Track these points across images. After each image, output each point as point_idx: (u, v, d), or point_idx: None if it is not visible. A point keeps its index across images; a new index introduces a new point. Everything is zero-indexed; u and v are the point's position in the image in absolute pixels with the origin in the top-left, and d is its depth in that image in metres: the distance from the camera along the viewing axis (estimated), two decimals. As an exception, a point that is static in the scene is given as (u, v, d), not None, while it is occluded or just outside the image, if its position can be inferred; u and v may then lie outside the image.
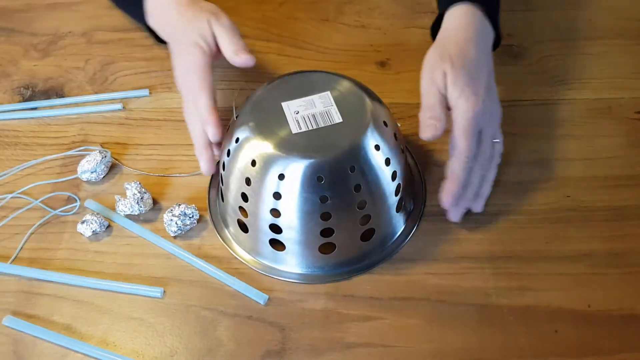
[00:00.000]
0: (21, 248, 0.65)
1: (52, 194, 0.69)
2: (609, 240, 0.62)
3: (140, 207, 0.65)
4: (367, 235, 0.60)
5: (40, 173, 0.71)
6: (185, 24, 0.68)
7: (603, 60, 0.76)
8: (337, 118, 0.58)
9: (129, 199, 0.65)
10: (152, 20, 0.73)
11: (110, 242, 0.65)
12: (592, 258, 0.61)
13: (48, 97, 0.78)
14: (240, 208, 0.60)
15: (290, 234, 0.59)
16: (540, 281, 0.60)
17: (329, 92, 0.60)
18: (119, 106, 0.76)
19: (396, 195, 0.60)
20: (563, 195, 0.65)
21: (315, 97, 0.60)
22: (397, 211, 0.62)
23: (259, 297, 0.60)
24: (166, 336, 0.59)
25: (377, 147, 0.57)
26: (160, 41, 0.74)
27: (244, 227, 0.62)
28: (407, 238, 0.63)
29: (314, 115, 0.58)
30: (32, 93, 0.79)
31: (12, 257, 0.64)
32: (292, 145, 0.56)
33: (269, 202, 0.58)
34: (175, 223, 0.64)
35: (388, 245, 0.62)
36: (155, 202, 0.67)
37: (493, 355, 0.56)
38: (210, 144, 0.64)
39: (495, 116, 0.64)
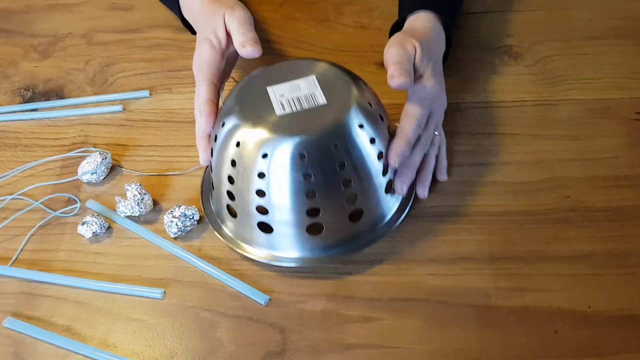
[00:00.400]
0: (22, 249, 0.65)
1: (52, 195, 0.69)
2: (609, 240, 0.62)
3: (141, 208, 0.66)
4: (355, 216, 0.60)
5: (41, 174, 0.71)
6: (204, 20, 0.69)
7: (603, 61, 0.76)
8: (322, 100, 0.58)
9: (130, 200, 0.65)
10: (185, 13, 0.75)
11: (111, 243, 0.65)
12: (592, 258, 0.61)
13: (48, 99, 0.79)
14: (228, 192, 0.61)
15: (277, 215, 0.59)
16: (540, 282, 0.59)
17: (313, 76, 0.60)
18: (119, 107, 0.76)
19: (384, 175, 0.60)
20: (563, 196, 0.65)
21: (300, 81, 0.60)
22: (387, 192, 0.62)
23: (259, 298, 0.60)
24: (166, 337, 0.59)
25: (361, 126, 0.58)
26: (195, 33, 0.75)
27: (233, 212, 0.62)
28: (398, 220, 0.63)
29: (298, 98, 0.59)
30: (32, 94, 0.79)
31: (13, 259, 0.65)
32: (275, 125, 0.57)
33: (254, 182, 0.58)
34: (176, 224, 0.64)
35: (379, 228, 0.62)
36: (155, 203, 0.68)
37: (493, 356, 0.56)
38: (207, 134, 0.65)
39: (442, 109, 0.66)
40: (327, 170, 0.57)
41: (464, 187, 0.66)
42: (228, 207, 0.62)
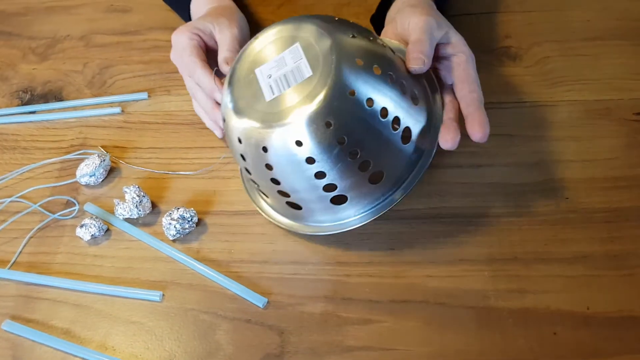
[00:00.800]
0: (20, 252, 0.65)
1: (51, 198, 0.69)
2: (608, 241, 0.62)
3: (139, 210, 0.65)
4: (376, 178, 0.58)
5: (39, 177, 0.71)
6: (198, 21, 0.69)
7: (601, 62, 0.76)
8: (307, 72, 0.56)
9: (128, 203, 0.65)
10: None
11: (109, 245, 0.65)
12: (591, 260, 0.61)
13: (46, 101, 0.78)
14: (252, 180, 0.61)
15: (298, 195, 0.59)
16: (539, 283, 0.59)
17: (298, 44, 0.58)
18: (117, 110, 0.76)
19: (395, 130, 0.57)
20: (562, 197, 0.65)
21: (285, 54, 0.58)
22: (405, 142, 0.59)
23: (258, 301, 0.60)
24: (165, 340, 0.59)
25: (352, 93, 0.55)
26: None
27: (265, 194, 0.63)
28: (432, 155, 0.59)
29: (285, 76, 0.57)
30: (31, 97, 0.79)
31: (11, 262, 0.65)
32: (266, 115, 0.56)
33: (265, 173, 0.58)
34: (174, 227, 0.64)
35: (409, 177, 0.59)
36: (154, 205, 0.68)
37: (492, 357, 0.56)
38: (217, 106, 0.66)
39: None
40: (327, 150, 0.55)
41: (463, 189, 0.66)
42: (259, 190, 0.63)
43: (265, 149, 0.56)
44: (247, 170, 0.60)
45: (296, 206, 0.60)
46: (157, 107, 0.77)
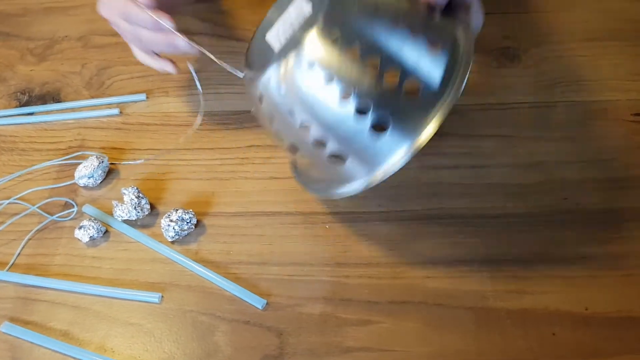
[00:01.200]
0: (18, 254, 0.65)
1: (49, 200, 0.69)
2: (606, 242, 0.62)
3: (138, 212, 0.65)
4: (412, 92, 0.53)
5: (37, 179, 0.71)
6: None
7: (599, 62, 0.76)
8: (308, 10, 0.55)
9: (127, 204, 0.65)
10: None
11: (108, 247, 0.65)
12: (589, 260, 0.61)
13: (44, 102, 0.78)
14: (291, 147, 0.58)
15: (334, 134, 0.54)
16: (538, 284, 0.60)
17: None
18: (115, 111, 0.76)
19: (415, 33, 0.54)
20: (560, 198, 0.65)
21: (290, 9, 0.57)
22: (435, 48, 0.54)
23: (257, 302, 0.60)
24: (164, 342, 0.59)
25: (355, 1, 0.53)
26: None
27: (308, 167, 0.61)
28: (469, 68, 0.55)
29: (290, 24, 0.56)
30: (29, 98, 0.79)
31: (10, 264, 0.64)
32: (276, 58, 0.54)
33: (293, 121, 0.55)
34: (173, 228, 0.63)
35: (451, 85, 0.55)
36: (152, 207, 0.67)
37: (491, 358, 0.56)
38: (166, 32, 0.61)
39: None
40: (344, 65, 0.52)
41: (461, 190, 0.66)
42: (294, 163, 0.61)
43: (283, 89, 0.54)
44: (279, 136, 0.57)
45: (339, 158, 0.55)
46: (155, 109, 0.76)
